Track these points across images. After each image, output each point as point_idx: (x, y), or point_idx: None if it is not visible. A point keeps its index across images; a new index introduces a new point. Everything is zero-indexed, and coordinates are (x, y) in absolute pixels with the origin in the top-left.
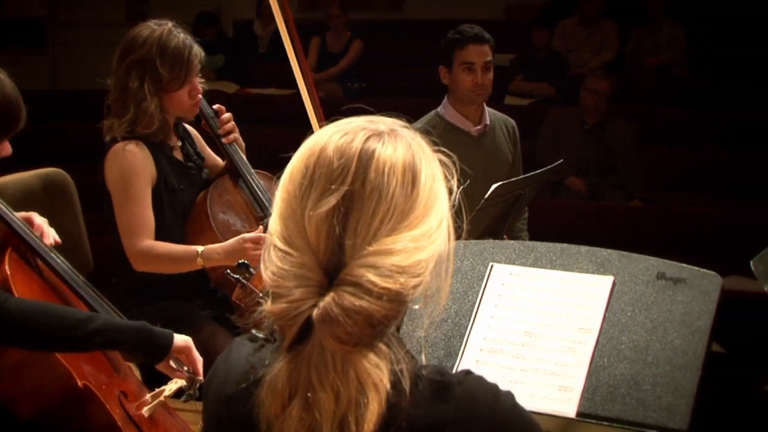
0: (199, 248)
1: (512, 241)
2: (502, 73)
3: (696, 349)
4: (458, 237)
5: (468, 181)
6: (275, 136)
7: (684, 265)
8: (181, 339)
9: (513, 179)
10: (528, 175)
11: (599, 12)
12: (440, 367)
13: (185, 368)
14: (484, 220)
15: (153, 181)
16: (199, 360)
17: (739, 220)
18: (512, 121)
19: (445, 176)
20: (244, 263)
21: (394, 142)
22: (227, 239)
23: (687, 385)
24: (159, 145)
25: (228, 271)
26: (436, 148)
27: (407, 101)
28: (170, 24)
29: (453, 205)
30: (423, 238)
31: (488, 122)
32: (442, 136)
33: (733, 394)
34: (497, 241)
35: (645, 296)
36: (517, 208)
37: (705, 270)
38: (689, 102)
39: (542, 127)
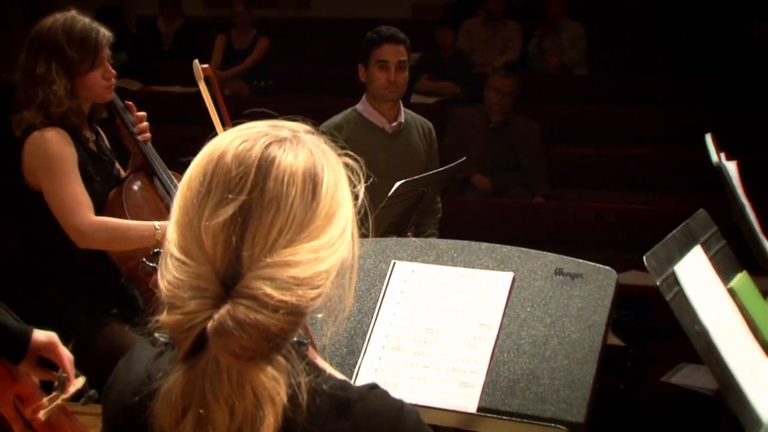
0: (156, 223)
1: (414, 239)
2: (409, 72)
3: (592, 343)
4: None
5: (372, 179)
6: (179, 134)
7: (581, 261)
8: (43, 335)
9: (415, 177)
10: (430, 173)
11: (502, 12)
12: (343, 382)
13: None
14: (387, 218)
15: (75, 165)
16: (68, 357)
17: (640, 216)
18: (429, 123)
19: (351, 181)
20: (159, 251)
21: (296, 149)
22: None
23: (584, 379)
24: (76, 133)
25: (144, 260)
26: (343, 152)
27: (315, 99)
28: (74, 11)
29: (359, 211)
30: (323, 249)
31: (403, 120)
32: (357, 131)
33: (632, 386)
34: (399, 238)
35: (543, 292)
36: (421, 206)
37: (601, 265)
38: (590, 100)
39: (448, 126)
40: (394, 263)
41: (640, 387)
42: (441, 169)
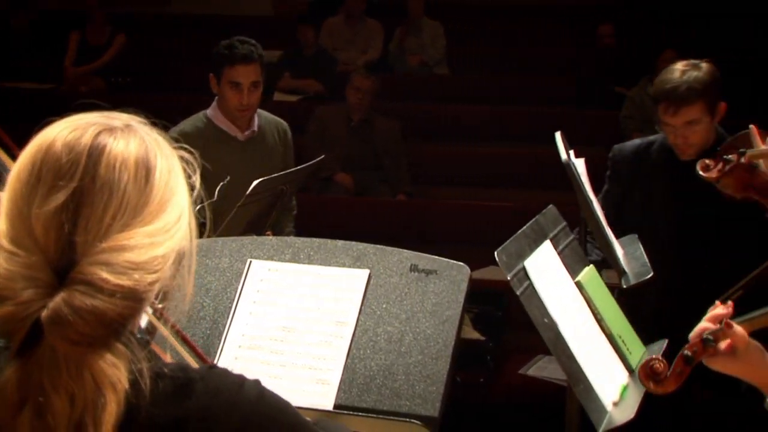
0: None
1: (270, 237)
2: (270, 69)
3: (446, 338)
4: (201, 235)
5: (226, 181)
6: (32, 132)
7: (435, 257)
8: None
9: (273, 175)
10: (288, 171)
11: (363, 11)
12: (183, 364)
13: None
14: (245, 217)
15: None
16: None
17: (499, 212)
18: (284, 124)
19: (187, 173)
20: None
21: (127, 137)
22: None
23: (438, 373)
24: None
25: None
26: (178, 145)
27: (175, 97)
28: None
29: (195, 202)
30: (159, 234)
31: (256, 128)
32: (207, 140)
33: (491, 379)
34: (256, 237)
35: (399, 288)
36: (280, 204)
37: (454, 261)
38: (450, 99)
39: (309, 124)
40: (251, 262)
41: (499, 379)
42: (299, 167)
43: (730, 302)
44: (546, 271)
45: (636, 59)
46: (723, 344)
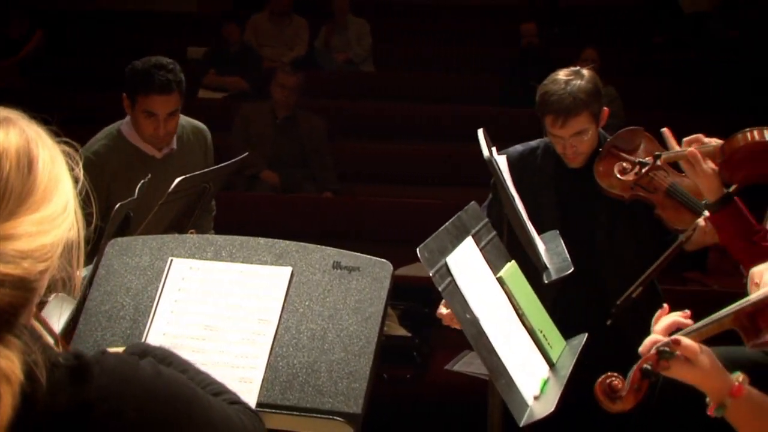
0: None
1: (192, 235)
2: (195, 66)
3: (369, 335)
4: (89, 225)
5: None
6: None
7: (358, 254)
8: None
9: (196, 173)
10: (211, 168)
11: (289, 8)
12: (77, 351)
13: None
14: (167, 215)
15: None
16: None
17: (425, 209)
18: (205, 130)
19: (69, 165)
20: None
21: (6, 129)
22: None
23: (361, 370)
24: None
25: None
26: (60, 139)
27: (98, 95)
28: None
29: (80, 193)
30: (46, 222)
31: (175, 145)
32: (121, 159)
33: (418, 375)
34: (177, 235)
35: (322, 285)
36: (203, 203)
37: (377, 258)
38: (376, 96)
39: (234, 122)
40: (172, 260)
41: (426, 375)
42: (222, 165)
43: (687, 311)
44: (468, 267)
45: (559, 58)
46: (679, 354)
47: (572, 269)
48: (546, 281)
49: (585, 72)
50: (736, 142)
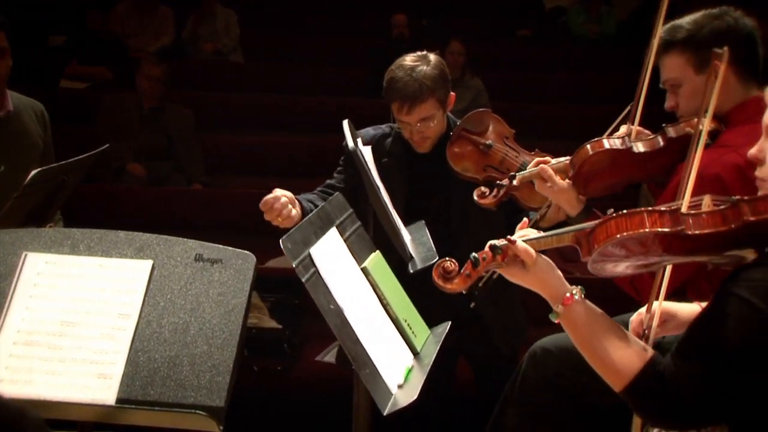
0: None
1: (48, 229)
2: (57, 55)
3: (232, 327)
4: None
5: None
6: None
7: (220, 246)
8: None
9: (54, 165)
10: (70, 160)
11: None
12: None
13: None
14: (23, 209)
15: None
16: None
17: None
18: (40, 105)
19: None
20: None
21: None
22: None
23: (224, 363)
24: None
25: None
26: None
27: None
28: None
29: None
30: None
31: (11, 108)
32: None
33: (289, 367)
34: (31, 229)
35: (184, 278)
36: (61, 196)
37: (240, 250)
38: (245, 87)
39: (100, 112)
40: (26, 255)
41: (297, 367)
42: (81, 156)
43: (525, 219)
44: (332, 257)
45: (427, 50)
46: (511, 253)
47: (437, 258)
48: (411, 271)
49: (431, 57)
50: (583, 154)
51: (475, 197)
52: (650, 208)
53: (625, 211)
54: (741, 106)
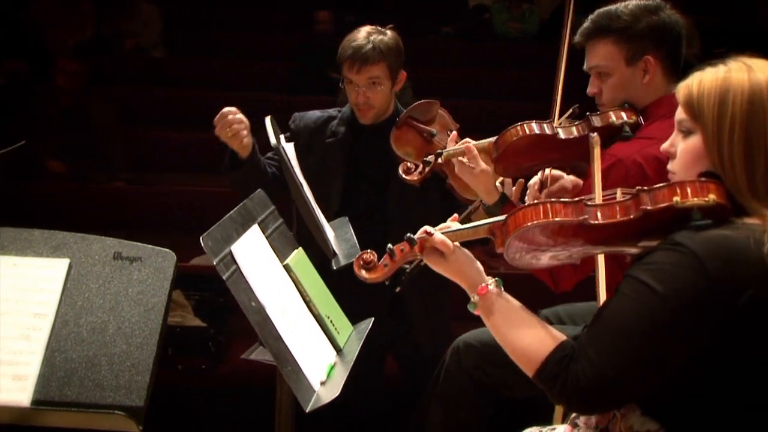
0: None
1: None
2: None
3: (152, 326)
4: None
5: None
6: None
7: (140, 244)
8: None
9: None
10: None
11: None
12: None
13: None
14: None
15: None
16: None
17: (219, 198)
18: None
19: None
20: None
21: None
22: None
23: (144, 362)
24: None
25: None
26: None
27: None
28: None
29: None
30: None
31: None
32: None
33: (215, 365)
34: None
35: (102, 277)
36: None
37: (160, 248)
38: (167, 82)
39: (17, 108)
40: None
41: (222, 365)
42: None
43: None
44: (253, 255)
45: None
46: (428, 245)
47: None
48: (335, 267)
49: (389, 31)
50: (510, 136)
51: (400, 172)
52: (556, 199)
53: (534, 202)
54: (659, 102)
